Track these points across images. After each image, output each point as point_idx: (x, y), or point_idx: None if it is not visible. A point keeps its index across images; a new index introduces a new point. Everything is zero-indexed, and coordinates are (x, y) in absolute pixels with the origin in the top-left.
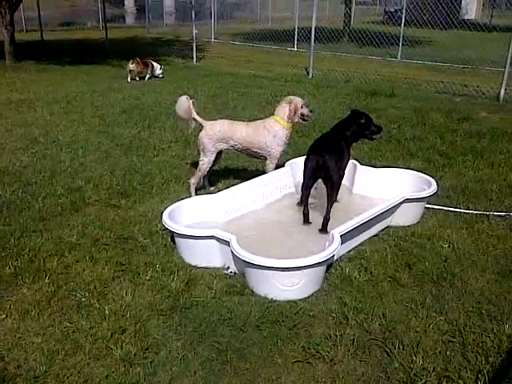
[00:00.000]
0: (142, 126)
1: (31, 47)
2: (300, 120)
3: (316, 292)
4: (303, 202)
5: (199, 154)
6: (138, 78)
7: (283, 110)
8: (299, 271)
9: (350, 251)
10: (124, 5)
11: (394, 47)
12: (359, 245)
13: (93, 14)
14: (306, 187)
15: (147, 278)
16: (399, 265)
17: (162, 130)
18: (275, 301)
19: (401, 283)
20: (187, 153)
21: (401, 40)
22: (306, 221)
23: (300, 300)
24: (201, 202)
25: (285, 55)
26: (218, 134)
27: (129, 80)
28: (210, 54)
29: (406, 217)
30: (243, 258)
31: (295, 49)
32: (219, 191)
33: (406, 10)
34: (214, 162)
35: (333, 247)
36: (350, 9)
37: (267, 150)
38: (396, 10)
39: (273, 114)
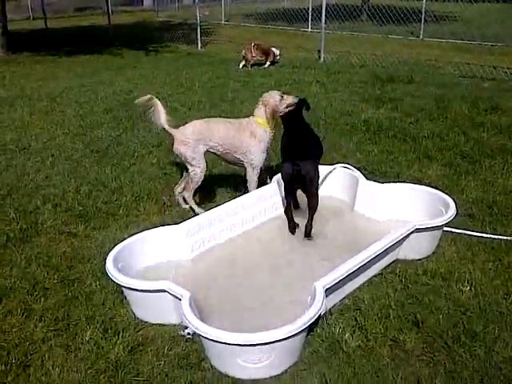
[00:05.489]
0: (125, 126)
1: (32, 37)
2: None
3: (292, 366)
4: (287, 214)
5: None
6: (250, 67)
7: (261, 111)
8: (268, 346)
9: (343, 299)
10: None
11: (417, 24)
12: (357, 288)
13: None
14: (287, 197)
15: (86, 339)
16: (404, 321)
17: (146, 131)
18: (238, 380)
19: (405, 349)
20: (169, 160)
21: (423, 16)
22: (293, 232)
23: (270, 378)
24: (161, 236)
25: (298, 37)
26: (192, 136)
27: (240, 66)
28: (218, 38)
29: (417, 249)
30: (193, 329)
31: (309, 29)
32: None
33: None
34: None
35: (313, 310)
36: None
37: (250, 157)
38: None
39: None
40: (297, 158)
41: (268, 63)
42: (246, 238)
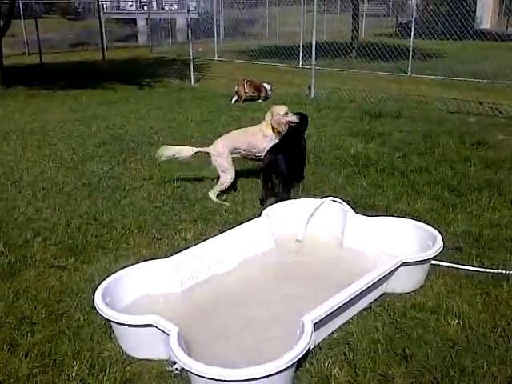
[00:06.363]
0: (118, 160)
1: (27, 72)
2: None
3: None
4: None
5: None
6: (242, 102)
7: (269, 117)
8: (256, 381)
9: (332, 333)
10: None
11: (405, 61)
12: (345, 322)
13: (106, 33)
14: (264, 184)
15: (72, 375)
16: (393, 355)
17: (138, 165)
18: None
19: None
20: (160, 193)
21: (410, 53)
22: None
23: None
24: (150, 269)
25: (289, 73)
26: (224, 149)
27: (232, 101)
28: (210, 74)
29: (405, 282)
30: (182, 364)
31: (300, 66)
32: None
33: (418, 21)
34: None
35: (302, 345)
36: (357, 22)
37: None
38: (408, 22)
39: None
40: (277, 153)
41: (262, 99)
42: (236, 272)
